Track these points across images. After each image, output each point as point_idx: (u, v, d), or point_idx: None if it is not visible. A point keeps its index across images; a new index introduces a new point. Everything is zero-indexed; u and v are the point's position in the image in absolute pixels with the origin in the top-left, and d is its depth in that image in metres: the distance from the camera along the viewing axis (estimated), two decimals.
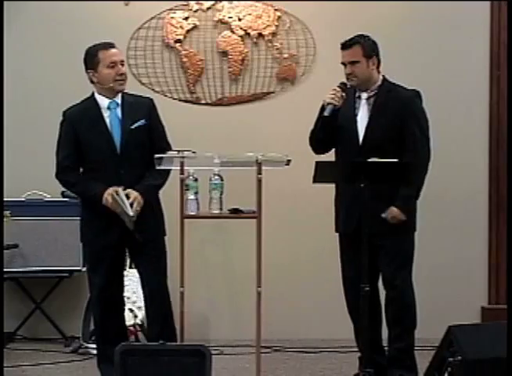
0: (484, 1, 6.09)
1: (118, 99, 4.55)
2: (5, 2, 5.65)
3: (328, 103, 4.50)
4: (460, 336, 4.07)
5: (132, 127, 4.47)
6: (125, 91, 4.62)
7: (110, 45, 4.60)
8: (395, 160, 4.36)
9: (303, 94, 6.06)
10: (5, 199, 5.72)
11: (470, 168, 6.11)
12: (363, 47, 4.58)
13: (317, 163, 4.32)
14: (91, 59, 4.56)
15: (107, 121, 4.52)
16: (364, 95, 4.62)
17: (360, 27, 5.86)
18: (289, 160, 4.30)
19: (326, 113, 4.49)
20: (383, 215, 4.44)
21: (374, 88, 4.61)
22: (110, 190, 4.34)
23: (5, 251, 5.63)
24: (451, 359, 4.05)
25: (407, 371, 4.60)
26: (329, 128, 4.57)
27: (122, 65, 4.56)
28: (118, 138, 4.48)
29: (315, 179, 4.34)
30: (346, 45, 4.59)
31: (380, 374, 4.57)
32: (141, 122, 4.50)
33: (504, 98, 5.99)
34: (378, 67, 4.65)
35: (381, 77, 4.66)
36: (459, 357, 4.01)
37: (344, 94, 4.54)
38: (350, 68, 4.57)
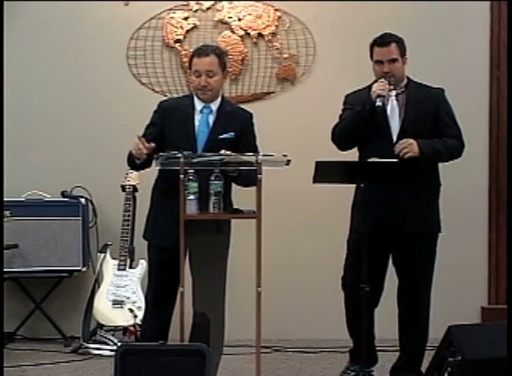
0: (484, 1, 6.09)
1: (214, 106, 4.41)
2: (5, 2, 5.65)
3: (378, 95, 4.47)
4: (460, 336, 4.08)
5: (219, 137, 4.35)
6: (224, 98, 4.50)
7: (204, 53, 4.37)
8: (395, 160, 4.36)
9: (303, 94, 6.06)
10: (5, 199, 5.73)
11: (470, 167, 6.10)
12: (399, 45, 4.60)
13: (317, 163, 4.32)
14: (189, 61, 4.45)
15: (196, 124, 4.39)
16: (393, 93, 4.60)
17: (360, 27, 5.90)
18: (289, 160, 4.30)
19: (379, 103, 4.45)
20: (395, 149, 4.44)
21: (402, 85, 4.63)
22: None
23: (5, 251, 5.63)
24: (451, 359, 4.05)
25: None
26: (369, 123, 4.54)
27: (209, 76, 4.32)
28: (202, 144, 4.36)
29: (315, 179, 4.34)
30: (384, 43, 4.56)
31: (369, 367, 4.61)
32: (230, 134, 4.36)
33: (504, 98, 5.99)
34: None
35: (405, 76, 4.69)
36: (459, 357, 4.02)
37: (391, 86, 4.52)
38: (388, 66, 4.54)
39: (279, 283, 5.85)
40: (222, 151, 4.21)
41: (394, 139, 4.54)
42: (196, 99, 4.43)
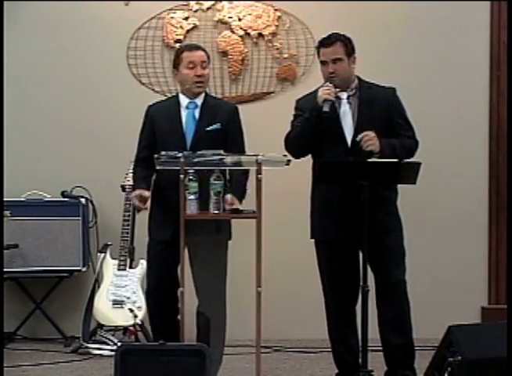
0: (484, 1, 6.09)
1: (199, 100, 4.59)
2: (5, 2, 5.65)
3: (325, 100, 4.40)
4: (460, 336, 4.07)
5: (206, 129, 4.50)
6: (207, 93, 4.67)
7: (196, 47, 4.66)
8: (396, 160, 4.36)
9: (303, 94, 6.05)
10: (5, 199, 5.73)
11: (470, 167, 6.11)
12: (345, 45, 4.50)
13: (321, 163, 4.32)
14: (175, 58, 4.62)
15: (183, 119, 4.56)
16: (344, 95, 4.52)
17: (360, 27, 5.89)
18: (289, 160, 4.30)
19: (326, 109, 4.39)
20: (358, 138, 4.37)
21: (353, 86, 4.53)
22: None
23: (5, 251, 5.63)
24: (451, 359, 4.05)
25: (411, 371, 4.58)
26: (319, 128, 4.46)
27: (203, 68, 4.55)
28: (190, 137, 4.52)
29: (320, 179, 4.33)
30: (327, 43, 4.48)
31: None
32: (216, 126, 4.51)
33: (504, 98, 5.99)
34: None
35: (356, 77, 4.59)
36: (459, 357, 4.01)
37: (337, 89, 4.45)
38: (332, 66, 4.45)
39: (279, 283, 5.85)
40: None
41: (349, 143, 4.46)
42: (181, 96, 4.61)
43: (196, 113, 4.57)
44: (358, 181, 4.29)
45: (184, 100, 4.59)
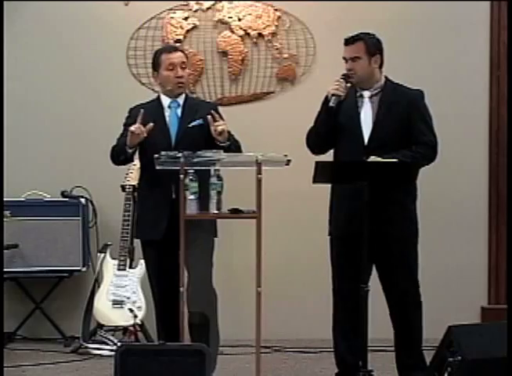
0: (484, 1, 6.09)
1: (181, 100, 4.68)
2: (5, 2, 5.65)
3: (332, 95, 4.44)
4: (460, 336, 4.08)
5: (189, 125, 4.56)
6: (187, 95, 4.76)
7: (174, 49, 4.76)
8: (396, 160, 4.35)
9: (303, 94, 6.06)
10: (5, 199, 5.72)
11: (469, 168, 6.11)
12: (366, 44, 4.51)
13: (317, 163, 4.31)
14: (155, 60, 4.70)
15: (167, 119, 4.64)
16: (367, 94, 4.54)
17: (360, 27, 5.86)
18: (289, 160, 4.30)
19: (331, 104, 4.42)
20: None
21: (377, 86, 4.54)
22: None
23: (5, 251, 5.63)
24: (451, 359, 4.05)
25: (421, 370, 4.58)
26: (331, 123, 4.50)
27: (182, 68, 4.63)
28: (174, 134, 4.58)
29: (315, 179, 4.34)
30: (349, 41, 4.52)
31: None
32: (197, 121, 4.57)
33: (504, 98, 5.99)
34: (381, 67, 4.58)
35: (383, 77, 4.60)
36: (459, 357, 4.01)
37: (348, 85, 4.48)
38: (350, 64, 4.49)
39: (279, 283, 5.85)
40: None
41: (366, 141, 4.48)
42: (162, 97, 4.71)
43: (179, 111, 4.65)
44: (357, 181, 4.30)
45: (166, 100, 4.67)
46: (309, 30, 6.11)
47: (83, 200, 5.96)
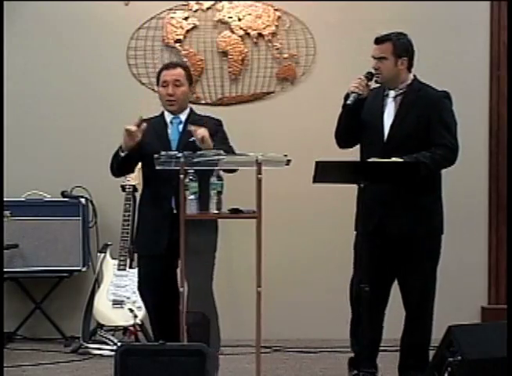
0: (484, 1, 6.09)
1: (184, 116, 4.69)
2: (5, 2, 5.65)
3: (352, 92, 4.46)
4: (460, 336, 4.08)
5: (189, 140, 4.51)
6: (192, 110, 4.75)
7: (174, 66, 4.76)
8: (396, 160, 4.36)
9: (303, 94, 6.07)
10: (5, 199, 5.72)
11: (470, 167, 6.10)
12: (394, 45, 4.52)
13: (317, 163, 4.31)
14: (157, 76, 4.76)
15: (170, 134, 4.65)
16: (392, 94, 4.57)
17: (360, 27, 5.90)
18: (289, 160, 4.30)
19: (349, 102, 4.45)
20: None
21: (403, 86, 4.55)
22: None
23: (5, 251, 5.63)
24: (451, 359, 4.05)
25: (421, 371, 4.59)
26: (353, 119, 4.52)
27: (176, 86, 4.63)
28: (174, 149, 4.54)
29: (315, 179, 4.34)
30: (378, 40, 4.54)
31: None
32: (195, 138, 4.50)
33: (504, 98, 6.00)
34: (410, 68, 4.58)
35: (412, 77, 4.60)
36: (459, 357, 4.01)
37: (369, 83, 4.50)
38: (376, 63, 4.52)
39: (279, 283, 5.85)
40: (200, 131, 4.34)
41: (385, 139, 4.50)
42: (166, 113, 4.71)
43: (181, 127, 4.65)
44: (358, 181, 4.30)
45: (168, 116, 4.70)
46: (309, 30, 6.11)
47: (83, 200, 5.96)
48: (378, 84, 4.60)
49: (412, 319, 4.63)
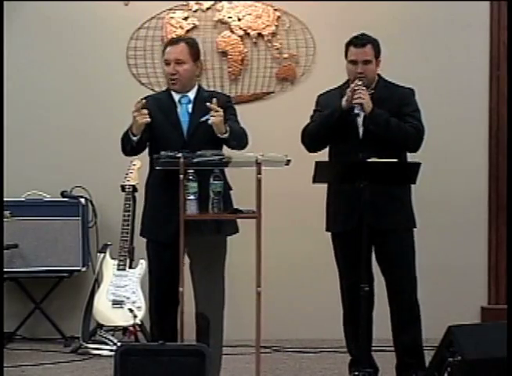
0: (484, 1, 6.09)
1: (192, 94, 4.51)
2: (4, 2, 5.65)
3: (359, 103, 4.44)
4: (460, 336, 4.08)
5: (200, 120, 4.41)
6: (200, 86, 4.59)
7: (176, 41, 4.53)
8: (395, 160, 4.36)
9: (303, 94, 6.05)
10: (5, 199, 5.72)
11: (469, 167, 6.11)
12: (374, 47, 4.54)
13: (317, 163, 4.32)
14: (163, 52, 4.56)
15: (179, 114, 4.48)
16: None
17: (360, 27, 5.87)
18: (289, 160, 4.30)
19: (356, 111, 4.46)
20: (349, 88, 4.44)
21: (373, 86, 4.57)
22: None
23: (5, 251, 5.63)
24: (451, 359, 4.05)
25: (420, 370, 4.58)
26: (341, 124, 4.52)
27: (178, 63, 4.41)
28: (186, 130, 4.45)
29: (315, 179, 4.34)
30: (360, 43, 4.51)
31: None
32: (208, 116, 4.38)
33: (504, 98, 5.99)
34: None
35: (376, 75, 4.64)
36: (459, 357, 4.01)
37: (370, 91, 4.51)
38: (362, 67, 4.50)
39: (279, 284, 5.85)
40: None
41: (361, 136, 4.52)
42: (173, 92, 4.52)
43: (190, 107, 4.49)
44: (357, 181, 4.30)
45: (176, 95, 4.50)
46: (309, 30, 6.11)
47: (83, 200, 5.96)
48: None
49: (400, 313, 4.60)
